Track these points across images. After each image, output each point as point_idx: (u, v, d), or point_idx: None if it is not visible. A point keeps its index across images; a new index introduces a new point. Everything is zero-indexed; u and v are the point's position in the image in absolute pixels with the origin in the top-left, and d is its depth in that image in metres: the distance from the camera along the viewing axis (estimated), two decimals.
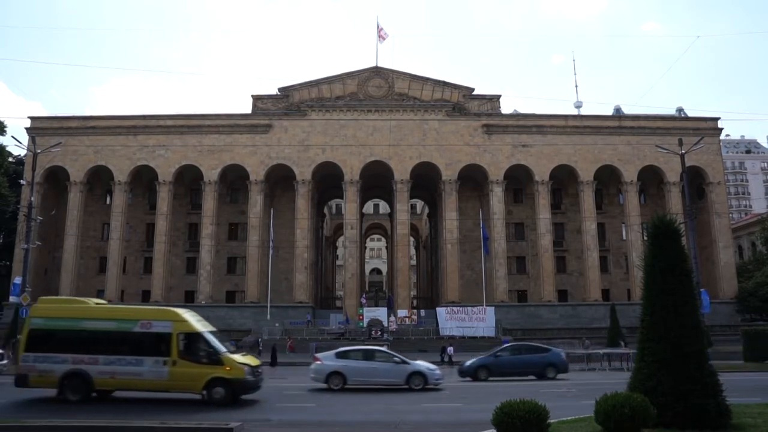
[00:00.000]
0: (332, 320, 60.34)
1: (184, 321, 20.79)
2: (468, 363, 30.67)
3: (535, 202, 63.78)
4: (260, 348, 48.72)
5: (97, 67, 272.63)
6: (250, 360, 21.53)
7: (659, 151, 51.10)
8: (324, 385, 24.91)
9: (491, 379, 29.32)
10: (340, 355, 26.05)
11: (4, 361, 27.56)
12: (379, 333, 53.75)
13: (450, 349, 41.41)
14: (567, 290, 66.39)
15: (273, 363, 39.87)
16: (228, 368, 19.94)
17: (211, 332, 21.36)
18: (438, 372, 25.94)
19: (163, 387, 20.04)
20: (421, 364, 25.97)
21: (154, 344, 20.20)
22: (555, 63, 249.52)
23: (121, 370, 19.87)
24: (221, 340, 21.60)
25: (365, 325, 56.15)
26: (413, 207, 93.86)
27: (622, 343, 44.93)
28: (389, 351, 28.42)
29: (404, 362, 25.62)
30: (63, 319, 20.86)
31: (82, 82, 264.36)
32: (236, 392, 19.91)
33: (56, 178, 64.34)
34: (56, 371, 19.85)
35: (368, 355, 26.59)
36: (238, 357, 20.87)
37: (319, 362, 25.79)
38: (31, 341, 20.56)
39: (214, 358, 20.21)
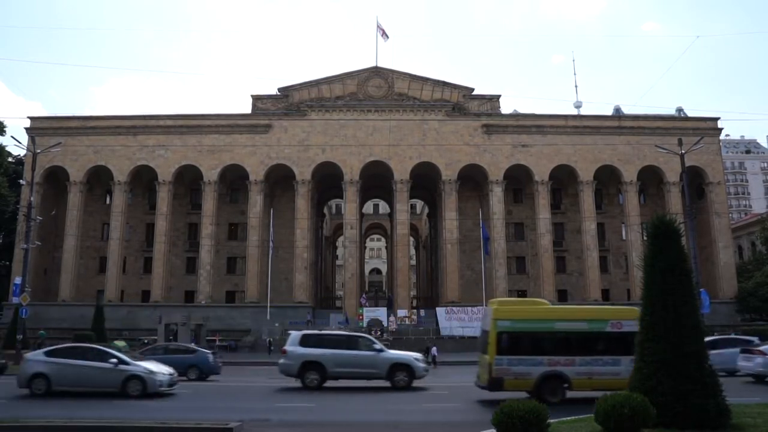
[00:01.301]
0: (332, 320, 60.27)
1: None
2: None
3: (535, 202, 63.79)
4: (271, 348, 48.77)
5: (97, 67, 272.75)
6: None
7: (659, 151, 51.09)
8: None
9: None
10: None
11: (429, 365, 27.04)
12: (379, 333, 53.69)
13: (434, 350, 40.82)
14: (567, 290, 66.36)
15: None
16: None
17: None
18: None
19: None
20: None
21: (628, 343, 19.86)
22: (555, 63, 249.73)
23: (598, 371, 19.76)
24: None
25: (365, 325, 56.13)
26: (413, 207, 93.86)
27: None
28: None
29: None
30: (533, 321, 20.54)
31: (82, 82, 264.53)
32: None
33: (56, 178, 64.32)
34: (533, 374, 19.64)
35: None
36: None
37: None
38: (501, 344, 20.11)
39: None
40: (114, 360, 22.32)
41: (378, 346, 26.21)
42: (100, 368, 22.11)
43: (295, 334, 27.07)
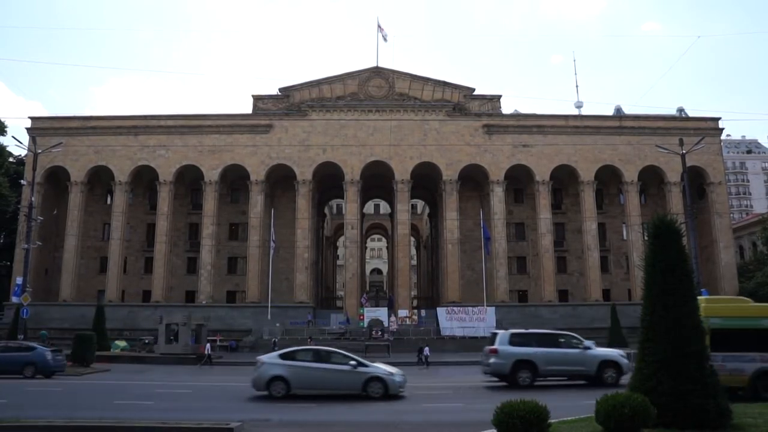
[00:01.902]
0: (333, 320, 60.37)
1: None
2: None
3: (536, 202, 63.78)
4: (275, 348, 48.67)
5: (97, 67, 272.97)
6: None
7: (660, 151, 51.03)
8: None
9: None
10: None
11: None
12: (380, 333, 53.73)
13: (426, 350, 40.66)
14: (568, 290, 66.35)
15: None
16: None
17: None
18: None
19: None
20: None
21: None
22: (555, 63, 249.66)
23: None
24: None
25: (366, 325, 56.14)
26: (414, 207, 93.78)
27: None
28: None
29: None
30: (742, 318, 20.77)
31: (82, 82, 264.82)
32: None
33: (57, 178, 64.38)
34: (746, 370, 19.89)
35: None
36: None
37: None
38: (713, 341, 20.08)
39: None
40: (353, 362, 22.26)
41: (586, 343, 25.87)
42: (340, 371, 21.96)
43: (503, 333, 26.50)
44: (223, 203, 65.85)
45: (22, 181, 58.44)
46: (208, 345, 42.47)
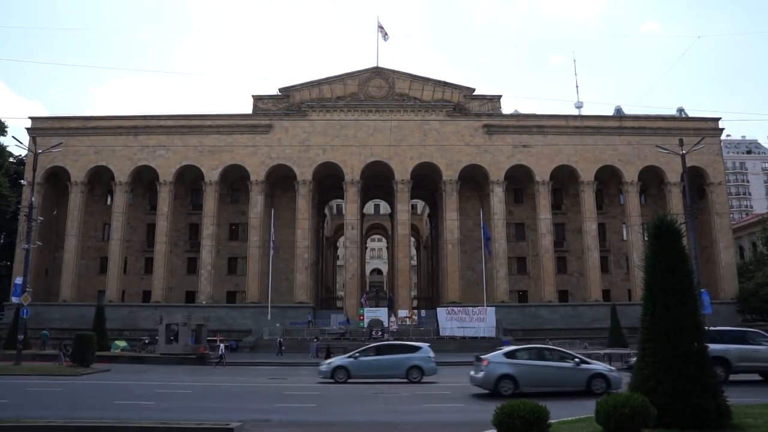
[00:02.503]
0: (333, 320, 60.38)
1: None
2: None
3: (536, 203, 63.80)
4: (282, 348, 48.74)
5: (97, 67, 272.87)
6: None
7: (660, 152, 50.94)
8: None
9: None
10: None
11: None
12: (380, 333, 53.79)
13: None
14: (568, 290, 66.37)
15: None
16: None
17: None
18: None
19: None
20: None
21: None
22: (555, 63, 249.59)
23: None
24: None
25: (366, 326, 56.19)
26: (414, 207, 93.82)
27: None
28: None
29: None
30: None
31: (82, 82, 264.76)
32: None
33: (57, 179, 64.39)
34: None
35: None
36: None
37: None
38: None
39: None
40: (576, 359, 22.41)
41: None
42: (563, 368, 22.14)
43: None
44: (223, 203, 65.86)
45: (22, 181, 58.48)
46: (222, 345, 42.53)
